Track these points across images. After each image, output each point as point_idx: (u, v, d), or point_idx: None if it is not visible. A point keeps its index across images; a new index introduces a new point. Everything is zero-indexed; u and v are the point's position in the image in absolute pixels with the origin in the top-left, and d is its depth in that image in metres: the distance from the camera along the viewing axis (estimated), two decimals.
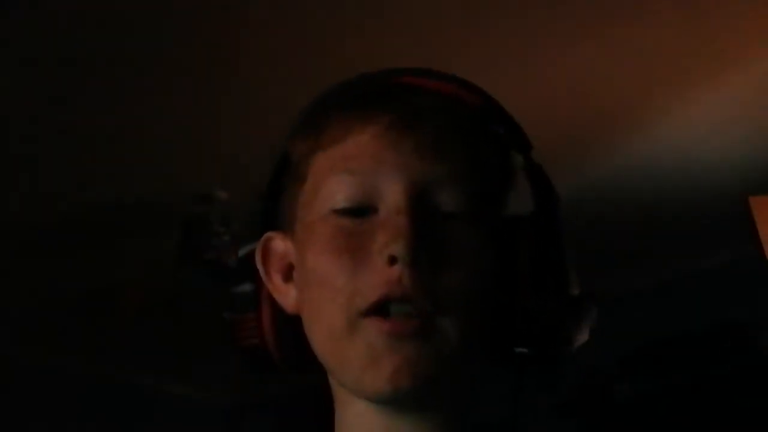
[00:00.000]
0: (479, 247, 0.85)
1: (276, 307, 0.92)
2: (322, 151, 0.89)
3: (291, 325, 0.90)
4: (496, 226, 0.87)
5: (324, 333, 0.85)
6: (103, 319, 4.19)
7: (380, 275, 0.82)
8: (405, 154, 0.85)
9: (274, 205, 0.93)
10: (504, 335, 0.88)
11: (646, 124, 3.20)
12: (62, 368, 4.76)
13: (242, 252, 0.94)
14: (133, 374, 5.00)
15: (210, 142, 3.12)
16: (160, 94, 2.85)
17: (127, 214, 3.47)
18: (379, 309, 0.82)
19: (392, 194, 0.84)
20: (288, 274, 0.91)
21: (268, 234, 0.93)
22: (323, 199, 0.86)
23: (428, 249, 0.82)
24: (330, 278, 0.84)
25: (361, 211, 0.85)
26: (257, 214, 0.94)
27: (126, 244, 3.69)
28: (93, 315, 4.18)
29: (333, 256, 0.84)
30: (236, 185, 3.25)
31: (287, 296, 0.91)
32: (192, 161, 3.20)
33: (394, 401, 0.84)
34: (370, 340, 0.82)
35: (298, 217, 0.90)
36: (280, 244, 0.92)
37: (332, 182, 0.86)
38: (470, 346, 0.85)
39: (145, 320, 4.16)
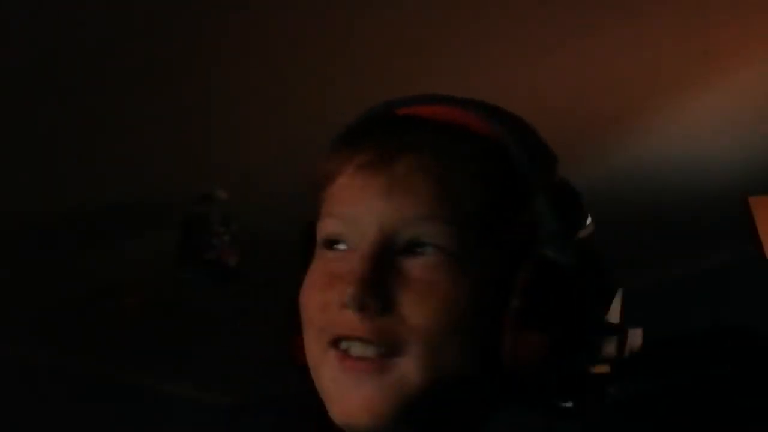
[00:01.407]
0: (450, 286, 0.84)
1: None
2: (323, 189, 0.92)
3: None
4: (485, 262, 0.86)
5: (308, 359, 0.90)
6: (103, 319, 4.21)
7: (339, 315, 0.85)
8: (374, 194, 0.86)
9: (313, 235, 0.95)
10: (488, 376, 0.87)
11: (645, 124, 3.20)
12: (62, 368, 4.78)
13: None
14: (133, 374, 5.02)
15: (210, 142, 3.12)
16: (160, 94, 2.85)
17: (127, 214, 3.48)
18: (340, 344, 0.86)
19: (361, 237, 0.86)
20: None
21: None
22: (318, 237, 0.91)
23: (383, 293, 0.84)
24: (309, 311, 0.89)
25: (343, 248, 0.88)
26: (300, 243, 0.98)
27: (126, 244, 3.70)
28: (93, 315, 4.20)
29: (314, 292, 0.89)
30: (236, 185, 3.27)
31: None
32: (192, 161, 3.20)
33: None
34: (334, 374, 0.86)
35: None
36: None
37: (323, 224, 0.90)
38: (437, 383, 0.85)
39: (145, 320, 4.18)
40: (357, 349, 0.85)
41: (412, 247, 0.85)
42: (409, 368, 0.84)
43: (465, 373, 0.86)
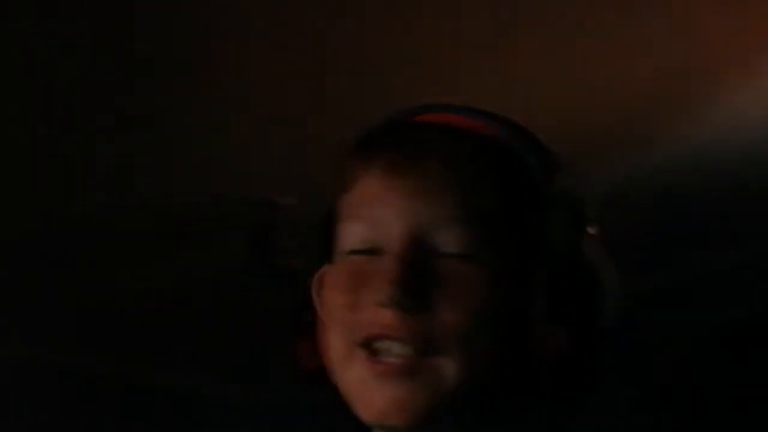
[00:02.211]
0: (480, 287, 0.87)
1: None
2: (343, 194, 0.93)
3: None
4: (507, 262, 0.89)
5: (331, 360, 0.91)
6: (167, 323, 4.27)
7: (374, 315, 0.86)
8: (402, 197, 0.88)
9: (330, 238, 0.97)
10: (517, 372, 0.90)
11: (675, 120, 3.19)
12: (122, 373, 4.83)
13: (310, 280, 0.99)
14: (192, 377, 5.07)
15: (279, 148, 3.16)
16: (233, 101, 2.90)
17: (196, 219, 3.54)
18: (370, 346, 0.87)
19: (392, 238, 0.88)
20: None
21: (325, 266, 0.96)
22: (341, 241, 0.92)
23: (419, 292, 0.85)
24: (334, 313, 0.90)
25: (370, 251, 0.89)
26: (315, 248, 0.99)
27: (195, 247, 3.75)
28: (159, 319, 4.25)
29: (339, 292, 0.89)
30: (303, 191, 3.30)
31: None
32: (260, 167, 3.25)
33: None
34: (362, 376, 0.87)
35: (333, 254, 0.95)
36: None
37: (345, 227, 0.91)
38: (469, 386, 0.87)
39: (211, 324, 4.23)
40: (390, 348, 0.86)
41: (442, 249, 0.87)
42: (445, 367, 0.86)
43: (496, 372, 0.88)
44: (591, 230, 0.93)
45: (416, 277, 0.85)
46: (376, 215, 0.89)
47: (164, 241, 3.71)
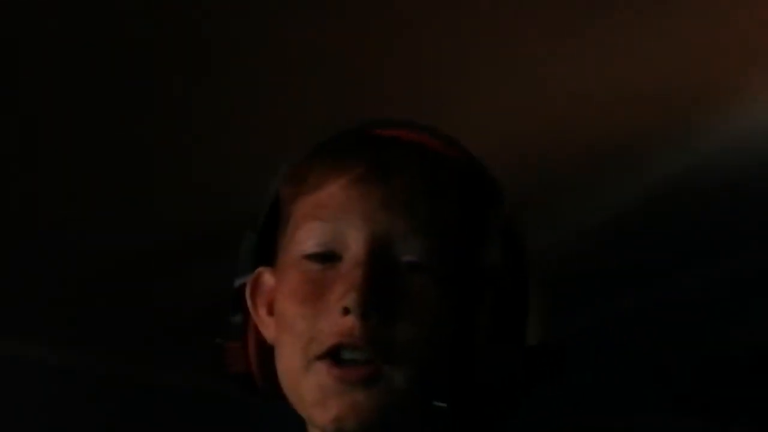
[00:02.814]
0: (438, 299, 0.90)
1: (261, 338, 0.99)
2: (302, 196, 0.95)
3: (273, 355, 0.97)
4: (460, 279, 0.92)
5: (284, 369, 0.93)
6: (211, 338, 4.26)
7: (335, 324, 0.88)
8: (371, 206, 0.91)
9: (266, 240, 1.00)
10: (462, 384, 0.93)
11: (704, 121, 3.12)
12: (162, 384, 4.83)
13: (237, 282, 1.02)
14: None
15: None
16: (258, 109, 2.91)
17: (229, 231, 3.51)
18: (332, 354, 0.89)
19: (355, 245, 0.90)
20: (271, 308, 0.97)
21: (260, 269, 0.99)
22: (296, 243, 0.93)
23: (382, 301, 0.88)
24: (291, 323, 0.91)
25: (327, 257, 0.91)
26: (249, 247, 1.02)
27: (231, 261, 3.74)
28: (203, 334, 4.24)
29: (296, 301, 0.91)
30: None
31: (269, 328, 0.98)
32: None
33: None
34: (321, 381, 0.89)
35: (280, 259, 0.97)
36: (268, 279, 0.99)
37: (304, 228, 0.93)
38: (423, 394, 0.90)
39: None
40: (352, 356, 0.89)
41: (402, 258, 0.91)
42: (397, 378, 0.89)
43: (446, 383, 0.92)
44: (527, 253, 0.99)
45: (380, 285, 0.88)
46: (340, 220, 0.91)
47: (201, 253, 3.70)
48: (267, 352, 0.97)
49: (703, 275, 3.95)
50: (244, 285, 1.00)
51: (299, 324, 0.90)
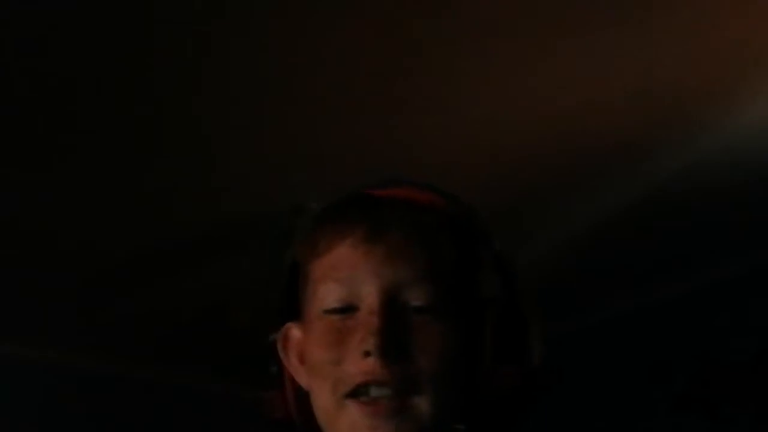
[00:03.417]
0: (445, 334, 1.02)
1: (296, 385, 1.10)
2: (316, 259, 1.07)
3: (309, 400, 1.09)
4: (462, 313, 1.04)
5: (319, 410, 1.05)
6: (212, 336, 4.27)
7: (358, 366, 1.00)
8: (376, 262, 1.03)
9: (290, 299, 1.11)
10: (473, 404, 1.06)
11: (704, 122, 3.13)
12: (171, 384, 4.84)
13: (270, 338, 1.12)
14: (242, 388, 5.04)
15: (302, 154, 3.17)
16: (257, 109, 2.91)
17: (226, 230, 3.56)
18: (360, 393, 1.00)
19: (368, 297, 1.02)
20: (302, 358, 1.09)
21: (288, 324, 1.11)
22: (317, 301, 1.05)
23: (398, 341, 1.00)
24: (319, 368, 1.03)
25: (345, 309, 1.03)
26: (276, 307, 1.13)
27: (228, 260, 3.78)
28: (202, 333, 4.26)
29: (322, 349, 1.03)
30: (330, 196, 3.30)
31: (302, 376, 1.09)
32: (285, 173, 3.25)
33: None
34: (354, 419, 1.01)
35: (305, 315, 1.08)
36: (296, 333, 1.10)
37: (322, 289, 1.05)
38: (444, 418, 1.02)
39: (252, 335, 4.23)
40: (379, 391, 0.99)
41: (411, 303, 1.02)
42: (423, 405, 1.00)
43: (461, 404, 1.04)
44: (520, 283, 1.10)
45: (394, 328, 1.00)
46: (351, 278, 1.03)
47: (199, 251, 3.74)
48: (303, 397, 1.08)
49: (702, 275, 3.95)
50: (275, 340, 1.12)
51: (326, 368, 1.02)
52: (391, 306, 1.01)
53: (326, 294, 1.04)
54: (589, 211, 3.51)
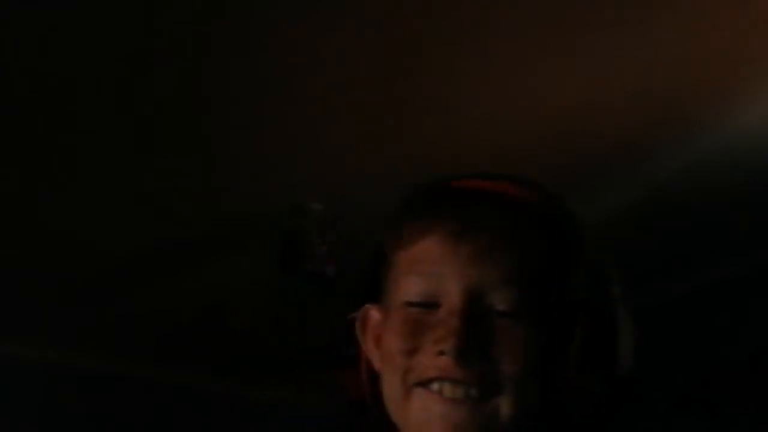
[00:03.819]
0: (528, 340, 1.00)
1: (371, 367, 1.10)
2: (401, 249, 1.06)
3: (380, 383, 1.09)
4: (549, 319, 1.01)
5: (388, 397, 1.05)
6: (212, 336, 4.27)
7: (432, 361, 1.00)
8: (462, 261, 1.01)
9: (373, 282, 1.10)
10: (555, 411, 1.04)
11: (704, 121, 3.12)
12: (171, 385, 4.84)
13: (350, 317, 1.12)
14: (243, 387, 5.05)
15: (302, 155, 3.17)
16: (256, 107, 2.90)
17: (226, 230, 3.56)
18: (431, 384, 1.00)
19: (451, 296, 1.00)
20: (378, 341, 1.09)
21: (368, 306, 1.11)
22: (400, 291, 1.04)
23: (476, 345, 0.98)
24: (392, 357, 1.03)
25: (427, 304, 1.02)
26: (360, 288, 1.13)
27: (228, 261, 3.78)
28: (202, 333, 4.26)
29: (398, 339, 1.02)
30: (330, 197, 3.33)
31: (376, 359, 1.09)
32: (285, 173, 3.25)
33: None
34: (424, 405, 1.00)
35: (386, 300, 1.08)
36: (375, 314, 1.10)
37: (405, 281, 1.04)
38: (522, 423, 1.00)
39: (252, 335, 4.23)
40: (449, 390, 0.99)
41: (495, 307, 1.00)
42: (500, 407, 0.99)
43: (541, 411, 1.02)
44: (615, 288, 1.08)
45: (473, 331, 0.98)
46: (436, 274, 1.01)
47: (199, 252, 3.73)
48: (376, 379, 1.08)
49: (702, 275, 3.95)
50: (354, 319, 1.11)
51: (399, 358, 1.02)
52: (474, 308, 0.99)
53: (409, 286, 1.03)
54: (589, 211, 3.50)
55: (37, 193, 3.25)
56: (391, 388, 1.03)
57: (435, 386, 0.99)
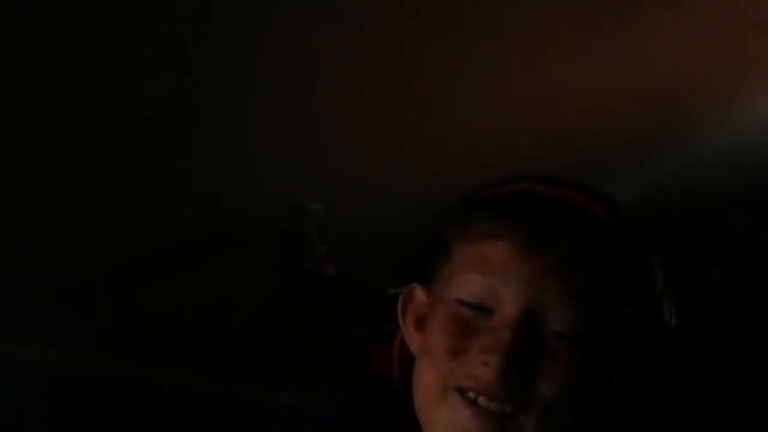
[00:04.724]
0: (576, 363, 0.96)
1: (405, 347, 1.07)
2: (464, 243, 1.01)
3: (412, 364, 1.05)
4: (601, 344, 0.98)
5: (421, 392, 1.00)
6: (212, 336, 4.28)
7: (473, 369, 0.96)
8: (530, 273, 0.96)
9: (425, 264, 1.06)
10: None
11: (704, 122, 3.11)
12: (172, 384, 4.84)
13: (392, 291, 1.08)
14: (243, 387, 5.06)
15: (302, 155, 3.17)
16: (255, 109, 2.90)
17: (226, 230, 3.56)
18: (468, 392, 0.96)
19: (507, 306, 0.96)
20: (419, 323, 1.05)
21: (413, 285, 1.06)
22: (454, 287, 0.99)
23: (521, 363, 0.94)
24: (435, 353, 0.98)
25: (480, 307, 0.97)
26: (408, 266, 1.07)
27: (228, 261, 3.78)
28: (202, 333, 4.26)
29: (443, 336, 0.98)
30: (330, 197, 3.33)
31: (414, 342, 1.05)
32: (285, 173, 3.25)
33: None
34: (456, 414, 0.96)
35: (436, 287, 1.03)
36: (421, 295, 1.06)
37: (462, 276, 0.99)
38: None
39: (252, 335, 4.24)
40: (484, 400, 0.95)
41: (550, 325, 0.96)
42: (529, 424, 0.95)
43: None
44: (671, 318, 1.04)
45: (523, 349, 0.94)
46: (496, 279, 0.97)
47: (199, 252, 3.73)
48: (407, 361, 1.05)
49: (702, 275, 3.95)
50: (397, 295, 1.07)
51: (441, 356, 0.97)
52: (528, 324, 0.95)
53: (465, 283, 0.98)
54: None
55: (37, 193, 3.26)
56: (426, 382, 0.99)
57: (471, 395, 0.95)
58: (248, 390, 5.09)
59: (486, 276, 0.97)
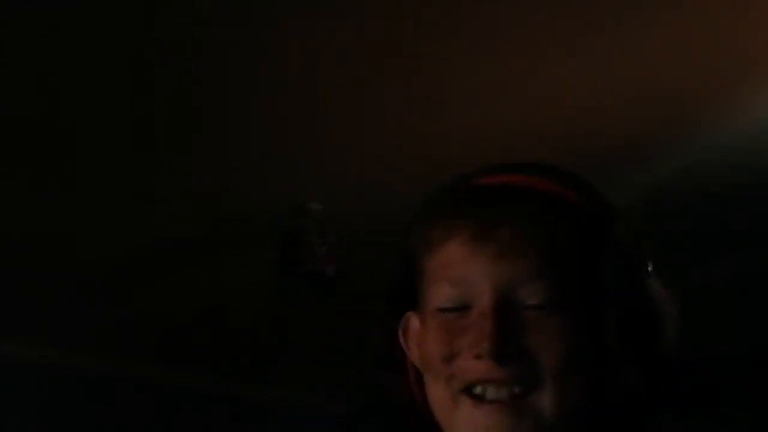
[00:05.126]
0: (564, 331, 0.98)
1: (417, 371, 1.09)
2: (428, 254, 1.04)
3: None
4: (582, 308, 1.00)
5: (435, 402, 1.04)
6: (212, 336, 4.28)
7: (471, 365, 0.99)
8: (487, 260, 0.99)
9: (408, 289, 1.08)
10: (598, 403, 1.01)
11: (704, 122, 3.13)
12: (172, 385, 4.85)
13: (391, 324, 1.11)
14: (243, 387, 5.06)
15: (302, 154, 3.17)
16: (257, 109, 2.90)
17: (226, 230, 3.55)
18: (473, 389, 0.99)
19: (480, 297, 0.99)
20: (421, 348, 1.07)
21: (408, 313, 1.09)
22: (431, 299, 1.03)
23: (511, 343, 0.97)
24: (432, 363, 1.02)
25: (459, 308, 1.00)
26: (392, 296, 1.11)
27: (228, 261, 3.78)
28: (202, 333, 4.26)
29: (435, 346, 1.01)
30: (330, 197, 3.33)
31: (420, 365, 1.08)
32: (285, 173, 3.25)
33: None
34: (470, 416, 0.99)
35: (421, 306, 1.06)
36: (415, 323, 1.08)
37: (434, 287, 1.03)
38: (566, 417, 0.98)
39: (252, 335, 4.24)
40: (492, 392, 0.98)
41: (526, 302, 0.98)
42: (544, 402, 0.97)
43: (584, 402, 1.00)
44: (650, 267, 1.04)
45: (507, 330, 0.97)
46: (463, 277, 1.00)
47: (199, 252, 3.73)
48: (425, 384, 1.07)
49: (703, 275, 3.95)
50: (397, 329, 1.10)
51: (439, 366, 1.01)
52: (504, 306, 0.98)
53: (439, 293, 1.02)
54: None
55: (37, 193, 3.25)
56: (436, 394, 1.03)
57: (478, 389, 0.98)
58: (248, 390, 5.09)
59: (452, 279, 1.01)
